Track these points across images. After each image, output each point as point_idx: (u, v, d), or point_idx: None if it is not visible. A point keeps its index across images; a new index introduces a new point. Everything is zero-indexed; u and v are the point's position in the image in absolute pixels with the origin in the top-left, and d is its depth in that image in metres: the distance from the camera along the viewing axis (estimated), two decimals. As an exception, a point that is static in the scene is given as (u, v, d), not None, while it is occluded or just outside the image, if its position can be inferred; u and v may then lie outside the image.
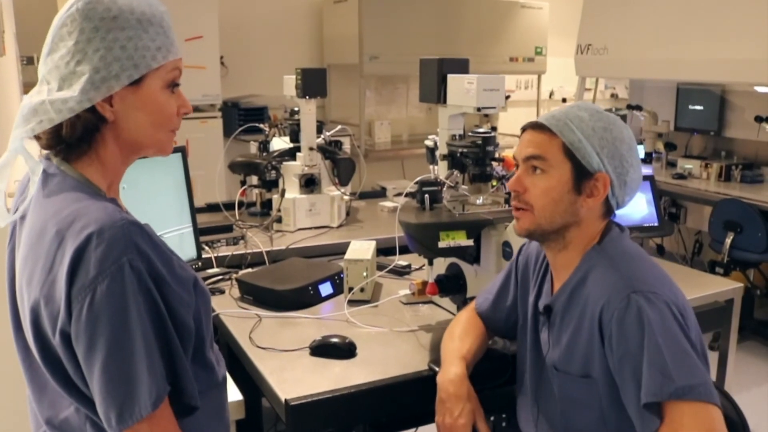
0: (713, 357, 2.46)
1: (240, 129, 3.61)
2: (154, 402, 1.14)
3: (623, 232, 1.64)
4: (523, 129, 1.64)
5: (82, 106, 1.20)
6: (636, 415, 1.42)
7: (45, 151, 1.28)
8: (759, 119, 4.73)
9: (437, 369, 1.80)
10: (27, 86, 3.79)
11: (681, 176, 5.19)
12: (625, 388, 1.44)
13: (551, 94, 7.05)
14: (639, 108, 5.61)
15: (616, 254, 1.57)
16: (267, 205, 3.39)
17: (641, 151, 5.60)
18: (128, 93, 1.24)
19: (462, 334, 1.85)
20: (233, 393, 1.73)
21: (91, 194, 1.23)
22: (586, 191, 1.56)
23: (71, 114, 1.20)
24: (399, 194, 2.33)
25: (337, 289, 2.40)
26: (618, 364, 1.45)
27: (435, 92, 2.25)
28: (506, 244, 2.03)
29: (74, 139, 1.23)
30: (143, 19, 1.24)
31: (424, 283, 2.23)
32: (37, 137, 1.25)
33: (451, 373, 1.71)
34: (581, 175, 1.55)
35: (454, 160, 2.20)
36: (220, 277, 2.55)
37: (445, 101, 2.23)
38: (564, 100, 7.02)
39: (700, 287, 2.57)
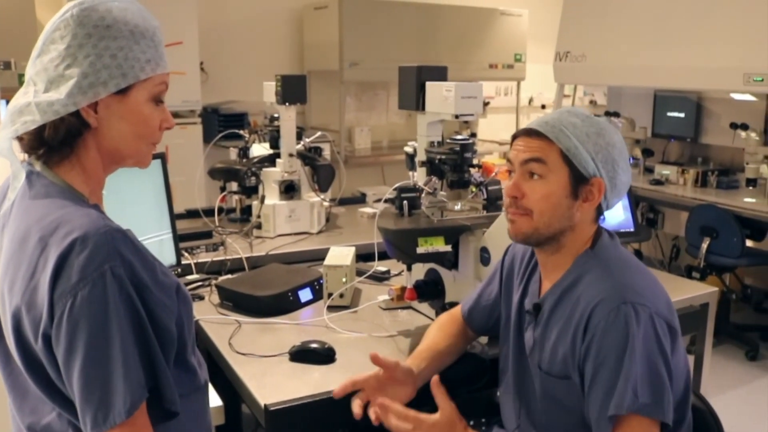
0: (689, 360, 2.50)
1: (220, 135, 3.62)
2: (128, 409, 1.14)
3: (613, 238, 1.67)
4: (515, 136, 1.65)
5: (67, 109, 1.21)
6: (595, 420, 1.46)
7: (27, 156, 1.28)
8: (734, 126, 4.79)
9: (416, 374, 1.82)
10: (4, 91, 3.77)
11: (658, 182, 5.24)
12: (592, 392, 1.47)
13: (530, 101, 7.09)
14: (617, 114, 5.65)
15: (609, 260, 1.59)
16: (247, 211, 3.39)
17: (619, 157, 5.63)
18: (114, 101, 1.25)
19: (432, 333, 1.90)
20: (213, 399, 1.73)
21: (74, 200, 1.24)
22: (582, 196, 1.58)
23: (55, 116, 1.21)
24: (378, 200, 2.34)
25: (317, 295, 2.41)
26: (592, 369, 1.47)
27: (414, 99, 2.26)
28: (484, 250, 2.05)
29: (56, 142, 1.24)
30: (136, 31, 1.26)
31: (403, 289, 2.25)
32: (20, 138, 1.25)
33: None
34: (578, 180, 1.57)
35: (432, 167, 2.22)
36: (199, 283, 2.55)
37: (423, 108, 2.25)
38: (543, 107, 7.06)
39: (677, 291, 2.60)
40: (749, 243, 4.55)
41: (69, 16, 1.23)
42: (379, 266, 2.60)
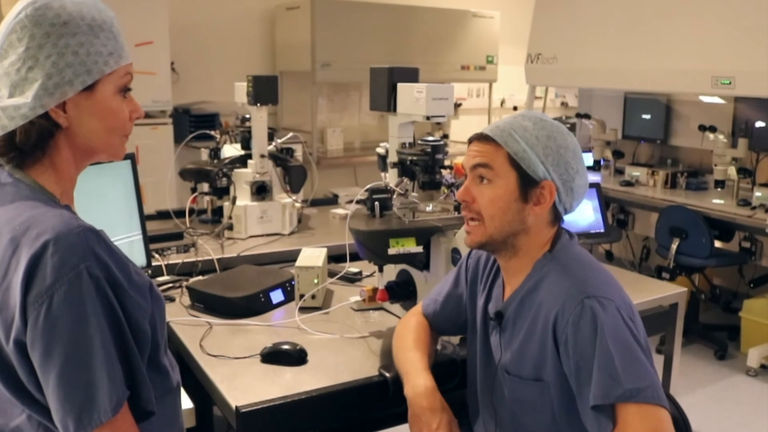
0: (659, 360, 2.52)
1: (191, 136, 3.60)
2: (114, 407, 1.14)
3: (572, 238, 1.68)
4: (470, 140, 1.67)
5: (35, 112, 1.20)
6: (590, 418, 1.44)
7: None
8: (702, 128, 4.84)
9: (387, 374, 1.82)
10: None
11: (629, 183, 5.29)
12: (581, 392, 1.46)
13: (503, 102, 7.12)
14: (588, 116, 5.70)
15: (567, 261, 1.60)
16: (218, 212, 3.37)
17: (590, 158, 5.69)
18: (82, 99, 1.24)
19: (416, 343, 1.85)
20: (184, 401, 1.72)
21: (46, 201, 1.23)
22: (532, 199, 1.59)
23: (24, 121, 1.20)
24: (350, 201, 2.34)
25: (288, 296, 2.40)
26: (575, 368, 1.47)
27: (385, 101, 2.26)
28: (455, 251, 2.05)
29: (28, 146, 1.22)
30: (94, 24, 1.24)
31: (375, 290, 2.25)
32: None
33: (421, 387, 1.70)
34: (527, 183, 1.58)
35: (404, 168, 2.22)
36: (170, 284, 2.53)
37: (395, 110, 2.25)
38: (515, 108, 7.09)
39: (647, 292, 2.63)
40: (718, 244, 4.61)
41: (24, 17, 1.21)
42: (351, 267, 2.60)
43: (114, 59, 1.26)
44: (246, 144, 3.35)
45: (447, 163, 2.21)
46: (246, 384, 1.81)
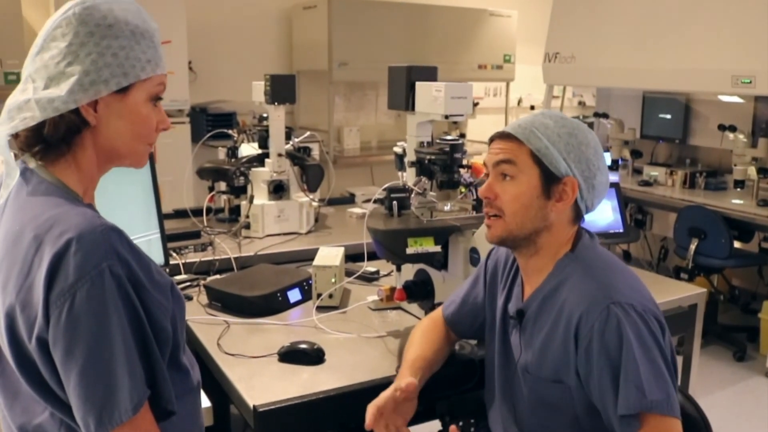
0: (678, 361, 2.50)
1: (208, 135, 3.60)
2: (134, 406, 1.14)
3: (593, 239, 1.67)
4: (492, 139, 1.67)
5: (67, 106, 1.22)
6: (617, 421, 1.45)
7: (21, 154, 1.28)
8: (722, 128, 4.81)
9: (405, 374, 1.81)
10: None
11: (647, 183, 5.26)
12: (604, 397, 1.46)
13: (520, 102, 7.10)
14: (606, 116, 5.67)
15: (591, 262, 1.60)
16: (235, 211, 3.38)
17: (608, 158, 5.66)
18: (114, 100, 1.26)
19: (417, 341, 1.86)
20: (202, 400, 1.72)
21: (69, 199, 1.24)
22: (555, 196, 1.59)
23: (55, 113, 1.21)
24: (368, 201, 2.33)
25: (306, 296, 2.40)
26: (598, 374, 1.47)
27: (403, 99, 2.26)
28: (473, 251, 2.04)
29: (55, 140, 1.24)
30: (137, 31, 1.27)
31: (393, 289, 2.24)
32: (15, 135, 1.25)
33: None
34: (549, 179, 1.58)
35: (422, 167, 2.21)
36: (188, 283, 2.54)
37: (413, 108, 2.24)
38: (532, 108, 7.07)
39: (665, 293, 2.61)
40: (737, 244, 4.57)
41: (71, 14, 1.24)
42: (369, 267, 2.59)
43: (151, 67, 1.29)
44: (263, 143, 3.36)
45: (465, 162, 2.21)
46: (263, 383, 1.81)
